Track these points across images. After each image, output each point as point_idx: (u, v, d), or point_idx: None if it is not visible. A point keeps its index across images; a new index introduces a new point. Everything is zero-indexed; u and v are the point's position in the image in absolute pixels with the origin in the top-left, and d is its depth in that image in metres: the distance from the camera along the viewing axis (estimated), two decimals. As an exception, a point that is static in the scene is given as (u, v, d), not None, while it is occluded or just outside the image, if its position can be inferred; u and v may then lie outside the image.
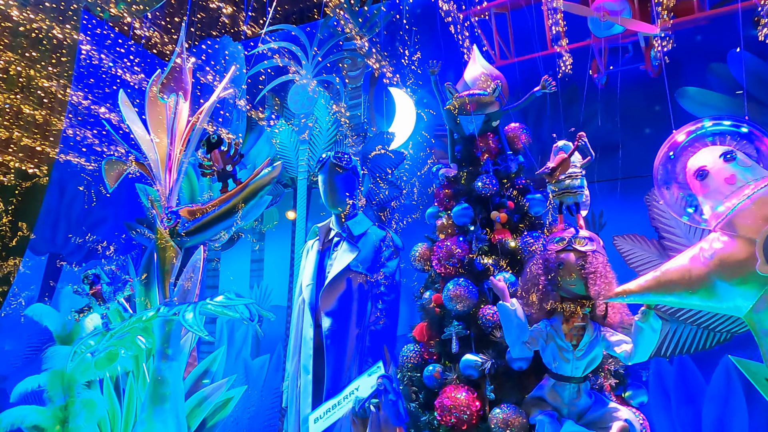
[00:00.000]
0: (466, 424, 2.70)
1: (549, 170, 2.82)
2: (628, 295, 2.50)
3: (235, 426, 4.28)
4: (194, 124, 3.59)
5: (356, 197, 3.55)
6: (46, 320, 3.88)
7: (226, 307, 3.08)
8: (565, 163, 2.82)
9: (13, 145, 5.05)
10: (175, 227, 3.32)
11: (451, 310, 2.94)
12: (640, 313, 2.47)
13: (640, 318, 2.46)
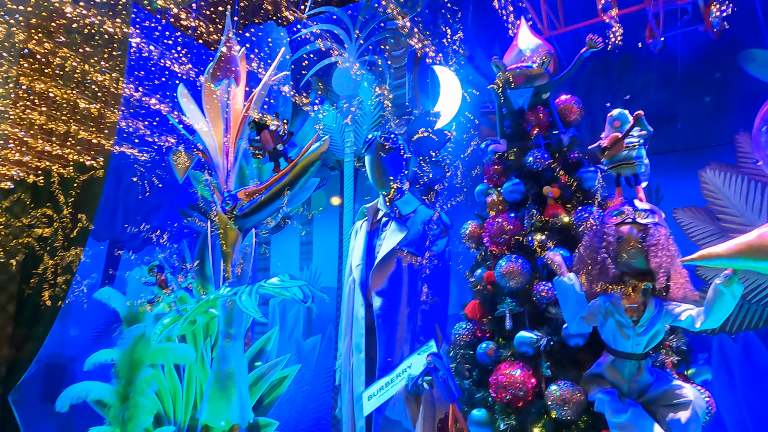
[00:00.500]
0: (522, 401, 2.67)
1: (599, 148, 2.74)
2: (715, 259, 2.33)
3: (289, 404, 4.38)
4: (247, 110, 3.66)
5: (404, 177, 3.54)
6: (113, 302, 4.06)
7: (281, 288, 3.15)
8: (619, 142, 2.73)
9: (71, 138, 5.25)
10: (233, 210, 3.41)
11: (504, 287, 2.89)
12: (722, 276, 2.34)
13: (722, 282, 2.32)
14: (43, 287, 4.64)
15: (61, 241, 4.94)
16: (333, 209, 4.84)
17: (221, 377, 3.14)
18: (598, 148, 2.76)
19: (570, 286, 2.56)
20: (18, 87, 5.05)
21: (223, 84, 3.73)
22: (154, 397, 3.64)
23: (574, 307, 2.56)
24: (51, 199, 4.76)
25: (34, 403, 4.19)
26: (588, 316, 2.57)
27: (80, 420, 3.87)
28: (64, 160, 5.26)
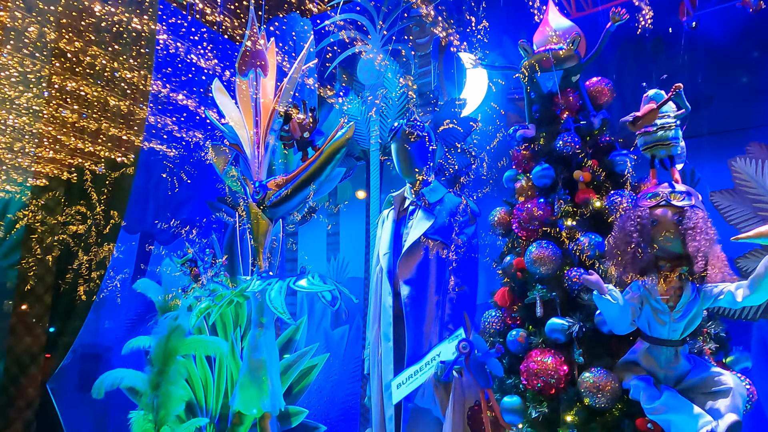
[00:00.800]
0: (554, 388, 2.62)
1: (633, 118, 2.63)
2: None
3: (318, 393, 4.41)
4: (277, 101, 3.67)
5: (430, 164, 3.51)
6: (150, 293, 4.14)
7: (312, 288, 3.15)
8: (653, 112, 2.63)
9: (102, 135, 5.36)
10: (263, 200, 3.44)
11: (534, 273, 2.84)
12: None
13: None
14: (78, 282, 4.74)
15: (95, 237, 5.05)
16: (359, 200, 4.83)
17: (253, 366, 3.17)
18: (632, 119, 2.65)
19: (614, 304, 2.47)
20: (51, 86, 5.16)
21: (250, 76, 3.76)
22: (186, 385, 3.69)
23: (622, 320, 2.50)
24: (84, 196, 4.87)
25: (71, 390, 4.30)
26: (632, 312, 2.49)
27: (115, 407, 3.97)
28: (96, 156, 5.36)
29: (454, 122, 4.08)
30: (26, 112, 5.11)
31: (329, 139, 3.38)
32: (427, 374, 2.92)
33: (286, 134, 3.55)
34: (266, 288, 3.17)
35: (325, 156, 3.38)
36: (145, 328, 4.01)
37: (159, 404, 3.47)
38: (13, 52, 4.83)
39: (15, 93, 4.97)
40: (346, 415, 4.48)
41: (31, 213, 5.01)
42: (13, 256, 4.76)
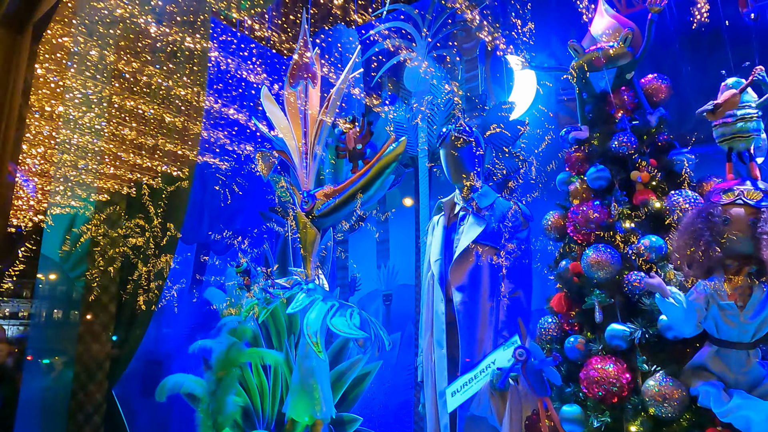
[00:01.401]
0: (616, 397, 2.52)
1: (713, 107, 2.48)
2: None
3: (372, 400, 4.40)
4: (324, 111, 3.72)
5: (479, 169, 3.47)
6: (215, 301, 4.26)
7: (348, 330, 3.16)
8: (734, 98, 2.48)
9: (158, 151, 5.57)
10: (312, 210, 3.48)
11: (592, 277, 2.76)
12: None
13: None
14: (139, 292, 4.93)
15: (153, 249, 5.24)
16: (407, 208, 4.84)
17: (304, 373, 3.20)
18: (711, 107, 2.50)
19: (678, 307, 2.37)
20: (111, 106, 5.41)
21: (300, 86, 3.83)
22: (242, 392, 3.77)
23: (687, 324, 2.39)
24: (143, 209, 5.06)
25: (135, 396, 4.46)
26: (699, 314, 2.38)
27: (177, 411, 4.09)
28: (153, 171, 5.58)
29: (502, 126, 4.04)
30: (89, 131, 5.37)
31: (380, 153, 3.38)
32: (482, 382, 2.86)
33: (341, 145, 3.59)
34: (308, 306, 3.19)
35: (376, 170, 3.38)
36: (207, 333, 4.12)
37: (216, 410, 3.55)
38: (76, 75, 5.09)
39: (79, 113, 5.23)
40: (400, 423, 4.46)
41: (95, 227, 5.25)
42: (79, 268, 5.00)
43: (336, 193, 3.51)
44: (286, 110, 3.85)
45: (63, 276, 5.26)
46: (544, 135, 3.68)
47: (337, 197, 3.48)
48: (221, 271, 4.95)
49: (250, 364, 4.00)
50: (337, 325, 3.15)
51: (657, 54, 3.15)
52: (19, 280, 5.80)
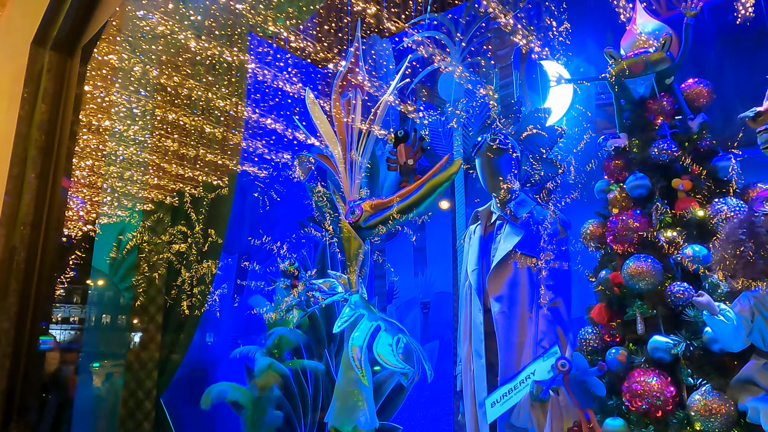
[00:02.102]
0: (661, 411, 2.48)
1: (754, 114, 2.42)
2: None
3: (411, 410, 4.42)
4: (370, 121, 3.74)
5: (515, 177, 3.46)
6: (258, 306, 4.36)
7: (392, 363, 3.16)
8: None
9: (199, 161, 5.73)
10: (358, 220, 3.49)
11: (633, 288, 2.72)
12: None
13: None
14: (182, 298, 5.08)
15: (196, 256, 5.39)
16: (444, 213, 4.83)
17: (348, 383, 3.24)
18: (752, 114, 2.44)
19: (728, 324, 2.32)
20: (153, 118, 5.59)
21: (349, 97, 3.86)
22: (284, 401, 3.84)
23: (736, 339, 2.34)
24: (185, 217, 5.21)
25: (182, 403, 4.60)
26: (745, 327, 2.32)
27: (221, 419, 4.20)
28: (195, 181, 5.74)
29: (538, 127, 4.00)
30: (134, 143, 5.57)
31: (433, 171, 3.33)
32: (522, 393, 2.86)
33: (391, 156, 3.60)
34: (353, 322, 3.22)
35: (428, 188, 3.33)
36: (250, 339, 4.22)
37: (259, 419, 3.64)
38: (121, 90, 5.28)
39: (124, 127, 5.42)
40: (439, 432, 4.48)
41: (140, 235, 5.43)
42: (126, 275, 5.19)
43: (384, 206, 3.49)
44: (334, 119, 3.90)
45: (111, 283, 5.47)
46: (582, 134, 3.63)
47: (385, 210, 3.46)
48: (263, 276, 5.05)
49: (292, 374, 4.08)
50: (384, 355, 3.14)
51: (698, 56, 3.08)
52: (71, 287, 6.05)
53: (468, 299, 3.44)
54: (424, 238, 5.17)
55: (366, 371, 3.14)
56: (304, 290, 3.82)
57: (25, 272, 3.11)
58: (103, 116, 5.15)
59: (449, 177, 3.21)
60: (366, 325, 3.20)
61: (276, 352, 3.77)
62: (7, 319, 3.09)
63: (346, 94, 3.78)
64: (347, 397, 3.20)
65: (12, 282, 3.15)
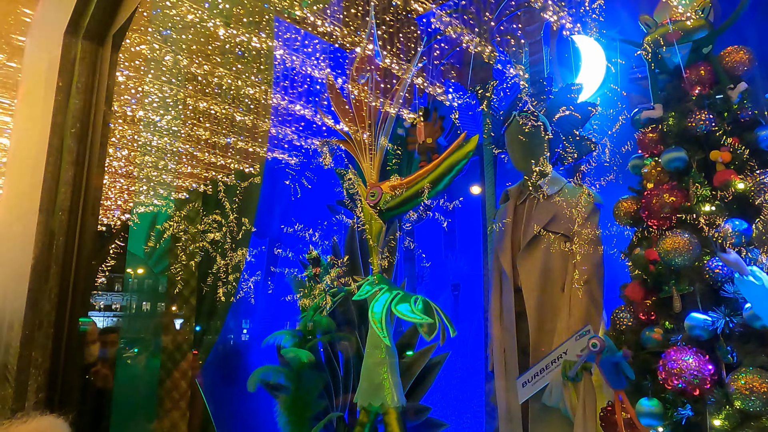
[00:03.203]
0: (698, 389, 2.40)
1: None
2: None
3: (442, 390, 4.41)
4: (388, 102, 3.71)
5: (546, 154, 3.38)
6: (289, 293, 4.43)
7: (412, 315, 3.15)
8: None
9: (231, 149, 5.81)
10: (379, 201, 3.49)
11: (669, 264, 2.62)
12: None
13: None
14: (218, 284, 5.17)
15: (230, 244, 5.47)
16: (475, 199, 4.77)
17: (374, 363, 3.26)
18: None
19: (758, 286, 2.21)
20: (185, 108, 5.68)
21: (365, 79, 3.85)
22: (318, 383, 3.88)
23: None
24: (219, 206, 5.29)
25: (216, 384, 4.71)
26: None
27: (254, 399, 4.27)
28: (227, 169, 5.82)
29: (571, 108, 3.89)
30: (167, 133, 5.67)
31: (452, 148, 3.31)
32: (554, 372, 2.81)
33: (410, 136, 3.58)
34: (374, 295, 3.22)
35: (446, 166, 3.32)
36: (282, 325, 4.27)
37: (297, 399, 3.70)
38: (153, 81, 5.37)
39: (157, 116, 5.53)
40: (471, 413, 4.44)
41: (175, 224, 5.54)
42: (162, 262, 5.31)
43: (404, 186, 3.50)
44: (351, 103, 3.89)
45: (149, 271, 5.61)
46: (617, 116, 3.52)
47: (405, 191, 3.46)
48: (294, 263, 5.09)
49: (323, 355, 4.12)
50: (402, 310, 3.17)
51: (738, 22, 2.92)
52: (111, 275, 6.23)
53: (498, 279, 3.40)
54: (454, 223, 5.10)
55: (387, 332, 3.14)
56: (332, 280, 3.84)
57: (64, 257, 3.21)
58: (138, 107, 5.26)
59: (466, 154, 3.18)
60: (386, 295, 3.21)
61: (306, 333, 3.81)
62: (48, 302, 3.18)
63: (363, 77, 3.77)
64: (373, 376, 3.21)
65: (52, 266, 3.24)
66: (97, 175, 3.58)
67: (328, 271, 4.06)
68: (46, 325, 3.10)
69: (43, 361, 3.06)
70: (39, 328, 3.07)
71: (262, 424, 3.98)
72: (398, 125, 3.95)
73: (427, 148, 3.42)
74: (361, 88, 3.99)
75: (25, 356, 3.03)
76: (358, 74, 3.82)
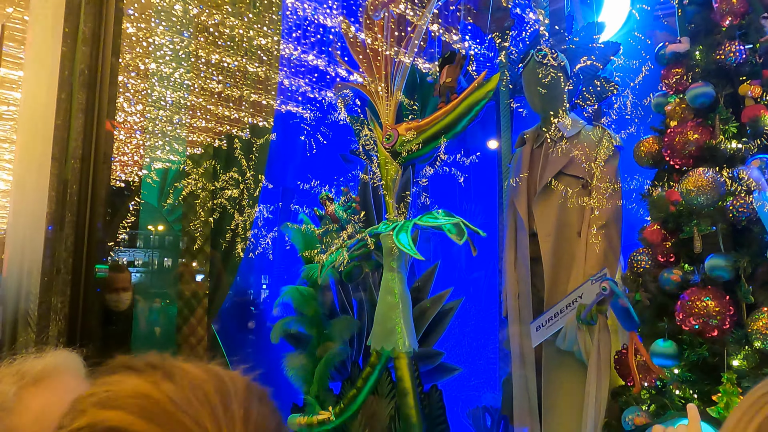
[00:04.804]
0: (717, 330, 2.33)
1: None
2: None
3: (456, 336, 4.43)
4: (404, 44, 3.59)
5: (565, 96, 3.25)
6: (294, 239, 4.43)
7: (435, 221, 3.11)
8: None
9: (244, 102, 5.73)
10: (395, 144, 3.42)
11: (691, 204, 2.51)
12: None
13: None
14: (236, 241, 5.18)
15: (247, 200, 5.45)
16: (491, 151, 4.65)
17: (386, 307, 3.26)
18: None
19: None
20: (197, 59, 5.59)
21: (380, 19, 3.71)
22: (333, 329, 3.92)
23: None
24: (236, 162, 5.25)
25: (232, 331, 4.80)
26: None
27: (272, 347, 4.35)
28: (241, 123, 5.76)
29: (593, 58, 3.73)
30: (180, 86, 5.60)
31: (471, 88, 3.18)
32: (568, 316, 2.77)
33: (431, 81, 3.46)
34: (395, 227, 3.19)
35: (465, 106, 3.20)
36: (291, 279, 4.30)
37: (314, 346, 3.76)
38: (165, 32, 5.28)
39: (170, 69, 5.46)
40: (484, 358, 4.47)
41: (193, 180, 5.53)
42: (180, 219, 5.33)
43: (421, 128, 3.40)
44: (366, 48, 3.77)
45: (168, 227, 5.65)
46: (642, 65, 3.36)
47: (422, 132, 3.36)
48: (311, 218, 5.07)
49: (337, 301, 4.15)
50: (426, 220, 3.15)
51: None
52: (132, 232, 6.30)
53: (513, 225, 3.33)
54: (470, 178, 5.01)
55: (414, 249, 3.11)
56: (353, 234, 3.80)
57: (78, 204, 3.23)
58: (150, 60, 5.19)
59: (486, 94, 3.05)
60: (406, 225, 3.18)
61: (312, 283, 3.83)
62: (65, 249, 3.22)
63: (378, 15, 3.63)
64: (386, 320, 3.22)
65: (67, 214, 3.26)
66: (107, 124, 3.57)
67: (345, 227, 4.02)
68: (63, 272, 3.14)
69: (62, 306, 3.11)
70: (57, 274, 3.12)
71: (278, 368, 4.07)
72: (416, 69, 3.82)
73: (446, 89, 3.30)
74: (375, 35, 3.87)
75: (45, 302, 3.08)
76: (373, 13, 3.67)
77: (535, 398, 3.19)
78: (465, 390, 4.39)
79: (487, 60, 4.94)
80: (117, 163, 5.46)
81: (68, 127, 3.31)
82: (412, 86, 4.02)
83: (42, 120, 3.28)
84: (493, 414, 3.99)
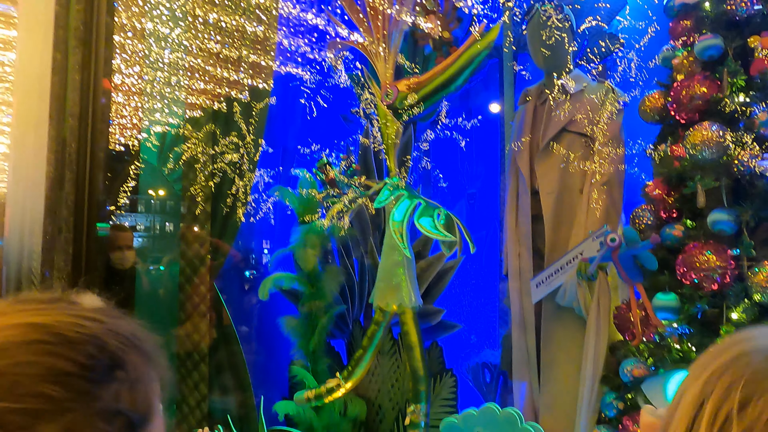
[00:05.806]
0: (717, 284, 2.34)
1: None
2: None
3: (456, 293, 4.46)
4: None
5: (570, 50, 3.18)
6: (289, 199, 4.42)
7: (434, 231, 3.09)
8: None
9: (243, 63, 5.63)
10: (395, 102, 3.36)
11: (696, 158, 2.49)
12: None
13: None
14: (237, 205, 5.16)
15: (248, 164, 5.41)
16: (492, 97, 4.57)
17: (390, 264, 3.27)
18: None
19: None
20: (195, 19, 5.47)
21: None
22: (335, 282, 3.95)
23: None
24: (234, 125, 5.19)
25: (234, 289, 4.84)
26: None
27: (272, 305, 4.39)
28: (240, 85, 5.66)
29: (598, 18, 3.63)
30: (177, 47, 5.49)
31: (470, 40, 3.09)
32: (568, 273, 2.78)
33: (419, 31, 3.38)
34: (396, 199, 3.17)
35: (465, 59, 3.12)
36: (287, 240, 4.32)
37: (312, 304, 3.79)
38: (161, -12, 5.15)
39: (167, 29, 5.34)
40: (484, 315, 4.51)
41: (193, 145, 5.48)
42: (181, 183, 5.30)
43: (421, 84, 3.33)
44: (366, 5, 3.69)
45: (169, 191, 5.63)
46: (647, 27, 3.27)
47: (422, 87, 3.30)
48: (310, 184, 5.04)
49: (338, 258, 4.17)
50: (424, 224, 3.13)
51: None
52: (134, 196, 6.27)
53: (515, 182, 3.31)
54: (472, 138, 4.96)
55: (407, 243, 3.14)
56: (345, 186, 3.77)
57: (77, 163, 3.21)
58: (146, 18, 5.08)
59: (488, 45, 2.98)
60: (406, 203, 3.16)
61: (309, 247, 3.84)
62: (66, 208, 3.21)
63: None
64: (391, 276, 3.23)
65: (66, 173, 3.25)
66: (104, 81, 3.52)
67: (345, 192, 3.99)
68: (65, 230, 3.14)
69: (65, 265, 3.13)
70: (59, 233, 3.12)
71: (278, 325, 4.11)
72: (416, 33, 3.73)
73: (443, 43, 3.23)
74: None
75: (48, 261, 3.09)
76: None
77: (534, 354, 3.23)
78: (465, 347, 4.45)
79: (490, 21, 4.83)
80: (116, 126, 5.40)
81: (65, 87, 3.27)
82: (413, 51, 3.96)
83: (38, 80, 3.23)
84: (492, 370, 4.05)
